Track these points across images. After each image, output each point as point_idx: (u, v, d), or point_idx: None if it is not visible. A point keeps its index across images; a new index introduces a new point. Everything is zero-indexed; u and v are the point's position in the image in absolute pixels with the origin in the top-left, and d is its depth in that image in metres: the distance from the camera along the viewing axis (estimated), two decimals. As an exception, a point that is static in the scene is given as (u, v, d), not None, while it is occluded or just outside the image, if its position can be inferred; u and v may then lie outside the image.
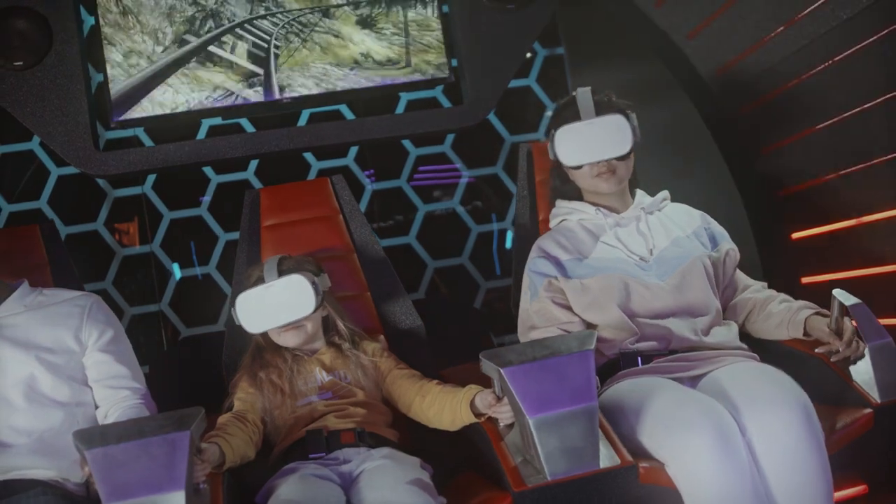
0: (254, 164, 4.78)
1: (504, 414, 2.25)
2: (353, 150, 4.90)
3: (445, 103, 4.87)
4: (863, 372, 2.40)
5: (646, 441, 2.24)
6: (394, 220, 5.00)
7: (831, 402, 2.41)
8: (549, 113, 5.02)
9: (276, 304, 2.53)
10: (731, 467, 2.07)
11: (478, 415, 2.35)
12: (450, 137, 4.95)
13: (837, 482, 2.17)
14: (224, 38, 3.59)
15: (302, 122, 4.68)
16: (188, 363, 3.90)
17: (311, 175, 4.83)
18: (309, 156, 4.78)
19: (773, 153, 3.60)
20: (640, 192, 2.82)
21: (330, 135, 3.63)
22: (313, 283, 2.56)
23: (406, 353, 2.84)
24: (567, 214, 2.79)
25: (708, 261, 2.67)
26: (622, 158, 2.67)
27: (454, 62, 3.77)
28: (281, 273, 2.59)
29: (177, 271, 4.83)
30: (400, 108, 4.86)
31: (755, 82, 3.55)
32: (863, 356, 2.41)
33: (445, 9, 3.75)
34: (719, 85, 3.73)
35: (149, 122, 3.59)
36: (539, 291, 2.65)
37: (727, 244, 2.77)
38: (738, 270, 2.79)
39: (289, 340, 2.62)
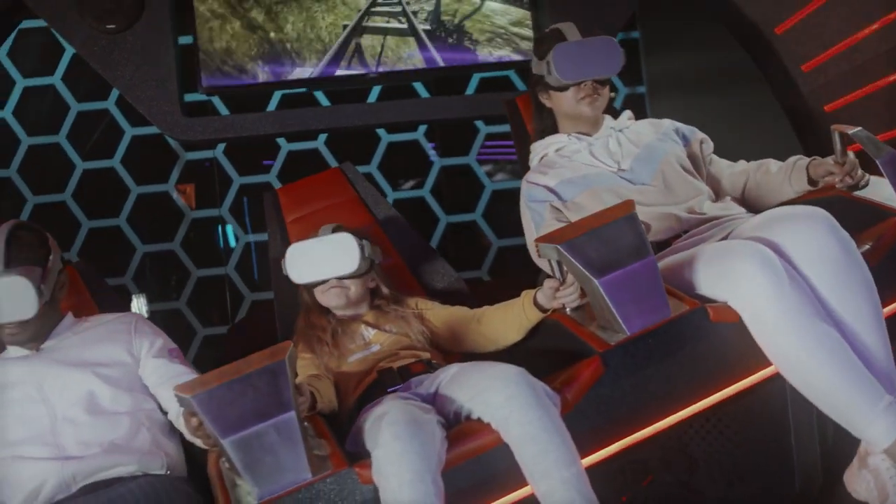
0: (324, 133, 4.80)
1: (569, 296, 2.30)
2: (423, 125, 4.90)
3: (518, 82, 4.86)
4: (881, 187, 2.45)
5: (702, 289, 2.27)
6: (461, 196, 5.00)
7: (863, 229, 2.43)
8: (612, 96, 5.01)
9: (322, 259, 2.58)
10: (781, 281, 2.13)
11: (542, 311, 2.41)
12: (521, 116, 4.93)
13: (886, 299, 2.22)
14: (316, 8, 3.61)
15: (372, 96, 4.69)
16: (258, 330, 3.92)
17: (381, 148, 4.85)
18: (380, 129, 4.79)
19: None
20: (607, 117, 2.84)
21: (408, 111, 3.66)
22: (360, 245, 2.59)
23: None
24: (544, 149, 2.83)
25: (683, 154, 2.74)
26: (605, 83, 2.74)
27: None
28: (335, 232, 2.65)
29: (232, 239, 4.88)
30: (472, 84, 4.85)
31: (842, 81, 3.51)
32: (868, 183, 2.48)
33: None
34: (805, 81, 3.69)
35: (233, 91, 3.62)
36: (544, 215, 2.68)
37: (699, 135, 2.83)
38: (717, 158, 2.83)
39: (331, 300, 2.63)
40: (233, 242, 4.92)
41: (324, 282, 2.60)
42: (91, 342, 2.48)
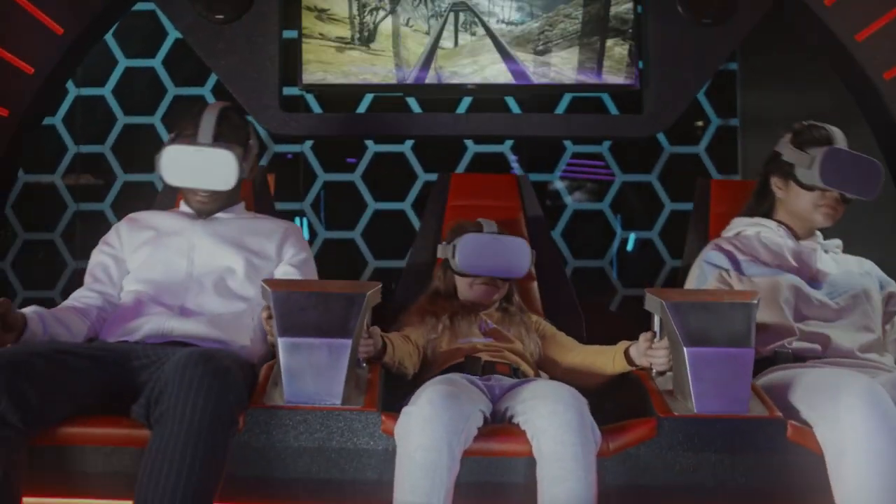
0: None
1: (658, 359, 2.33)
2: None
3: (610, 105, 4.83)
4: None
5: (796, 404, 2.25)
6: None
7: None
8: (700, 125, 4.96)
9: (497, 256, 2.74)
10: (883, 428, 2.03)
11: (630, 364, 2.48)
12: (608, 137, 4.91)
13: None
14: (416, 15, 3.62)
15: (463, 106, 4.69)
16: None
17: (466, 158, 4.85)
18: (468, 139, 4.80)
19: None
20: (818, 233, 2.84)
21: (502, 126, 3.66)
22: (532, 252, 2.76)
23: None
24: (747, 226, 2.83)
25: (876, 295, 2.71)
26: (848, 202, 2.71)
27: (640, 64, 3.71)
28: (501, 232, 2.80)
29: (305, 231, 4.92)
30: (564, 102, 4.83)
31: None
32: None
33: (640, 9, 3.70)
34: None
35: (332, 89, 3.65)
36: (709, 280, 2.70)
37: (893, 288, 2.79)
38: None
39: (483, 295, 2.81)
40: (306, 236, 4.95)
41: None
42: (249, 230, 2.75)
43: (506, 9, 3.67)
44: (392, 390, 2.43)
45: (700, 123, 5.02)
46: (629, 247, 5.04)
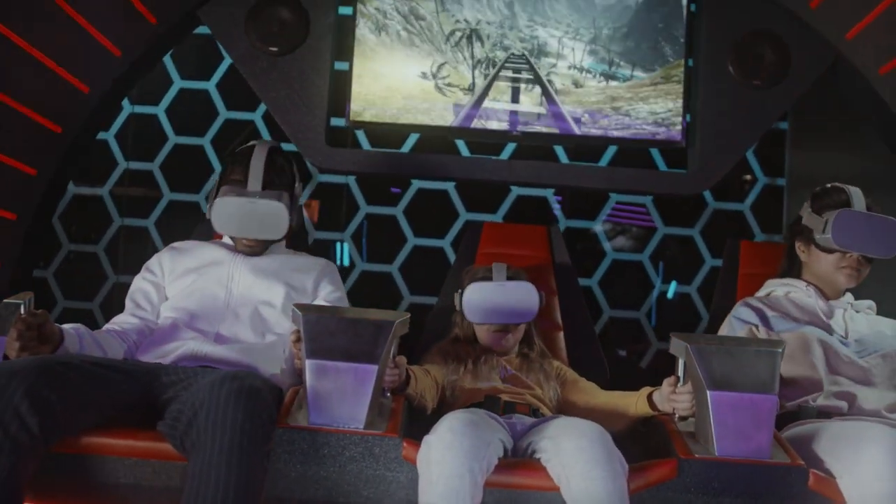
0: (456, 179, 4.85)
1: (682, 403, 2.33)
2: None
3: (657, 157, 4.82)
4: None
5: (821, 454, 2.26)
6: (581, 261, 4.97)
7: None
8: (749, 179, 4.92)
9: (502, 303, 2.76)
10: None
11: (653, 409, 2.48)
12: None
13: None
14: (466, 59, 3.65)
15: (507, 152, 4.71)
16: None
17: (510, 199, 4.86)
18: (512, 181, 4.81)
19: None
20: (848, 293, 2.87)
21: (546, 175, 3.66)
22: (540, 295, 2.76)
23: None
24: (777, 287, 2.88)
25: None
26: (870, 261, 2.75)
27: (688, 117, 3.69)
28: (509, 277, 2.82)
29: (346, 258, 4.95)
30: (610, 151, 4.82)
31: None
32: None
33: (691, 62, 3.69)
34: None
35: (377, 127, 3.68)
36: (738, 334, 2.71)
37: None
38: None
39: (493, 341, 2.82)
40: (346, 262, 4.99)
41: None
42: (289, 265, 2.80)
43: (577, 51, 3.69)
44: (414, 422, 2.45)
45: (748, 177, 4.99)
46: (670, 294, 5.01)
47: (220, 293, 2.70)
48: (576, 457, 2.08)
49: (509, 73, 3.67)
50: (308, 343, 2.15)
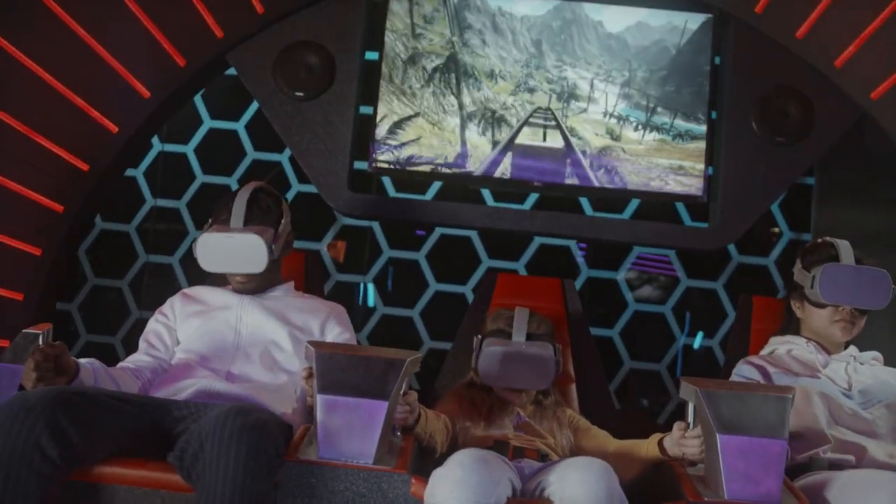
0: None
1: (691, 448, 2.34)
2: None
3: (681, 209, 4.81)
4: None
5: (831, 501, 2.26)
6: (601, 311, 4.95)
7: None
8: (777, 232, 4.90)
9: (516, 369, 2.75)
10: None
11: (664, 454, 2.47)
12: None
13: None
14: (492, 108, 3.67)
15: (531, 199, 4.72)
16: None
17: (532, 248, 4.86)
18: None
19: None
20: (851, 346, 2.90)
21: (567, 227, 3.66)
22: (557, 361, 2.77)
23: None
24: (778, 345, 2.91)
25: None
26: (865, 313, 2.80)
27: (710, 170, 3.68)
28: (531, 333, 2.81)
29: (371, 299, 4.96)
30: (632, 206, 4.82)
31: None
32: None
33: (714, 114, 3.69)
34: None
35: (398, 174, 3.71)
36: None
37: None
38: None
39: (511, 397, 2.82)
40: (371, 303, 5.00)
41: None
42: (296, 307, 2.85)
43: (610, 95, 3.70)
44: (424, 461, 2.47)
45: (776, 230, 4.97)
46: (696, 345, 4.97)
47: (229, 334, 2.75)
48: (580, 488, 2.10)
49: (536, 123, 3.68)
50: (320, 378, 2.19)
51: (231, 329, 2.76)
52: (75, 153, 3.43)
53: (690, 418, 2.36)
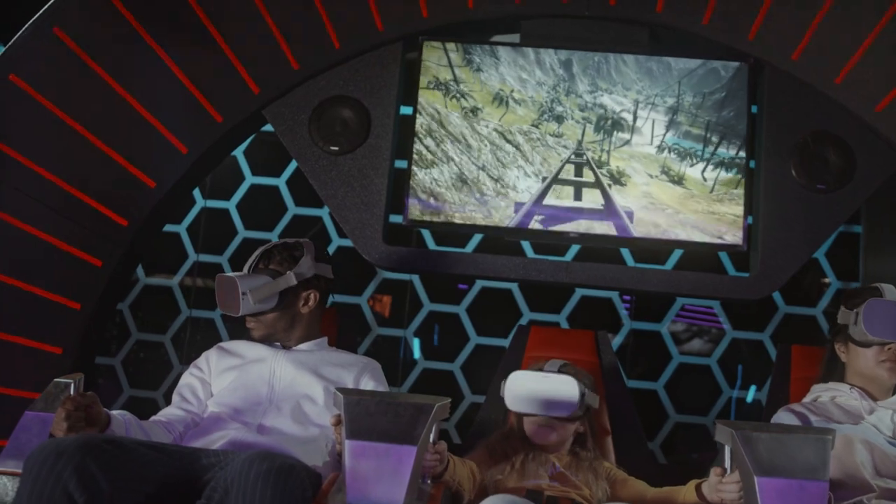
0: (518, 279, 4.82)
1: (730, 493, 2.28)
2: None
3: (725, 258, 4.74)
4: None
5: None
6: (645, 365, 4.88)
7: None
8: (826, 282, 4.80)
9: (543, 394, 2.73)
10: None
11: (702, 500, 2.44)
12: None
13: None
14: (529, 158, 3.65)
15: (572, 251, 4.68)
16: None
17: (573, 300, 4.82)
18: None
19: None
20: None
21: (605, 278, 3.59)
22: (582, 393, 2.72)
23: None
24: (821, 392, 2.86)
25: None
26: None
27: (749, 219, 3.61)
28: (560, 371, 2.79)
29: (416, 351, 4.94)
30: (675, 257, 4.76)
31: None
32: None
33: (752, 164, 3.63)
34: None
35: (435, 227, 3.70)
36: None
37: None
38: None
39: (536, 434, 2.77)
40: (416, 355, 4.98)
41: (536, 415, 2.78)
42: (329, 362, 2.87)
43: (657, 124, 3.63)
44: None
45: (826, 280, 4.87)
46: (749, 398, 4.87)
47: (262, 389, 2.78)
48: None
49: (571, 170, 3.63)
50: (348, 424, 2.17)
51: (264, 382, 2.78)
52: (114, 208, 3.48)
53: (727, 463, 2.30)
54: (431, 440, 2.28)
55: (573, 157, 3.62)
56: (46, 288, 3.40)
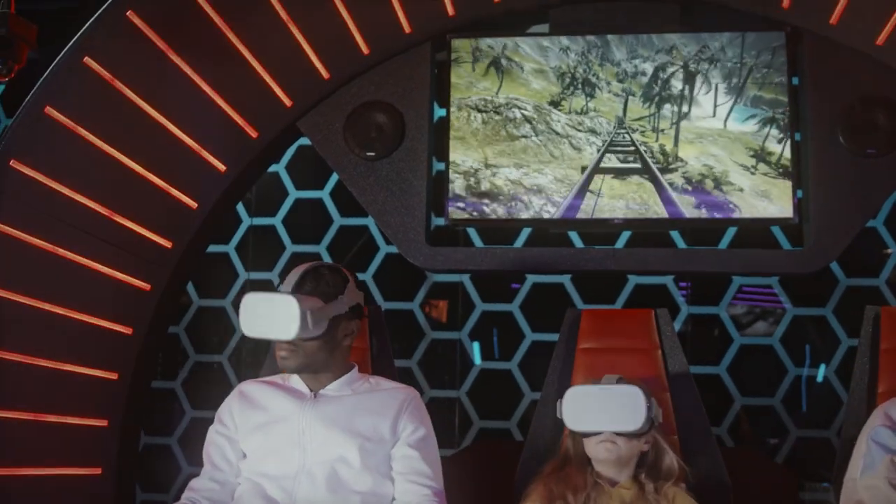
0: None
1: None
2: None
3: (779, 234, 4.63)
4: None
5: None
6: (705, 348, 4.78)
7: None
8: (888, 252, 4.66)
9: (604, 410, 2.54)
10: None
11: None
12: (778, 270, 4.67)
13: None
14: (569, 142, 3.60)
15: (623, 239, 4.60)
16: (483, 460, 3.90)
17: (627, 289, 4.74)
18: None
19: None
20: None
21: (654, 262, 3.50)
22: (648, 404, 2.52)
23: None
24: None
25: None
26: None
27: (799, 193, 3.51)
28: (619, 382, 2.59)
29: (477, 357, 4.90)
30: (728, 235, 4.66)
31: None
32: None
33: (798, 136, 3.53)
34: None
35: (477, 224, 3.66)
36: (878, 467, 2.39)
37: None
38: None
39: (600, 453, 2.56)
40: (477, 360, 4.95)
41: (598, 433, 2.55)
42: (363, 409, 2.57)
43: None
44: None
45: (888, 250, 4.73)
46: (819, 377, 4.75)
47: (293, 453, 2.53)
48: None
49: (615, 155, 3.55)
50: None
51: (295, 446, 2.53)
52: (157, 231, 3.50)
53: None
54: None
55: (615, 138, 3.55)
56: (98, 315, 3.43)
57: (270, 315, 2.45)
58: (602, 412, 2.53)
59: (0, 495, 3.22)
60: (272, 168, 4.96)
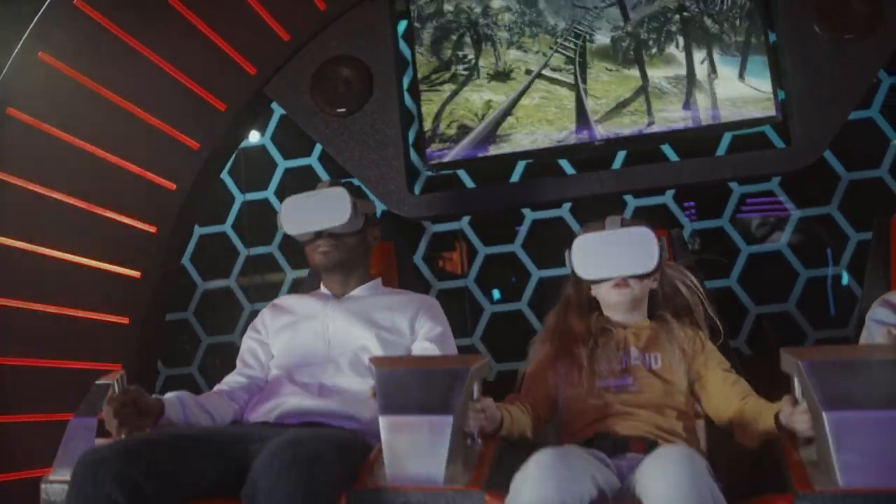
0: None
1: (801, 423, 2.06)
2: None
3: (774, 137, 4.53)
4: None
5: None
6: (714, 261, 4.71)
7: None
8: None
9: (616, 254, 2.50)
10: None
11: (778, 427, 2.17)
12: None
13: None
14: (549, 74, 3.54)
15: (619, 160, 4.52)
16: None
17: (627, 212, 4.67)
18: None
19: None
20: None
21: (644, 179, 3.48)
22: (660, 245, 2.49)
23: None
24: None
25: None
26: None
27: (781, 95, 3.43)
28: (624, 225, 2.56)
29: (495, 295, 4.88)
30: (723, 145, 4.57)
31: None
32: None
33: (773, 38, 3.45)
34: None
35: (462, 165, 3.61)
36: (875, 337, 2.40)
37: None
38: None
39: (613, 297, 2.53)
40: (497, 296, 4.90)
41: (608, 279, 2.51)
42: (383, 306, 2.77)
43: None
44: (510, 469, 2.31)
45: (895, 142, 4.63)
46: (844, 281, 4.68)
47: (318, 345, 2.71)
48: (660, 482, 1.89)
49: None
50: (381, 399, 2.08)
51: (320, 338, 2.72)
52: (139, 217, 3.50)
53: (798, 394, 2.06)
54: (476, 399, 2.16)
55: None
56: (93, 308, 3.43)
57: (318, 208, 2.68)
58: (614, 256, 2.49)
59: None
60: (258, 141, 4.93)
